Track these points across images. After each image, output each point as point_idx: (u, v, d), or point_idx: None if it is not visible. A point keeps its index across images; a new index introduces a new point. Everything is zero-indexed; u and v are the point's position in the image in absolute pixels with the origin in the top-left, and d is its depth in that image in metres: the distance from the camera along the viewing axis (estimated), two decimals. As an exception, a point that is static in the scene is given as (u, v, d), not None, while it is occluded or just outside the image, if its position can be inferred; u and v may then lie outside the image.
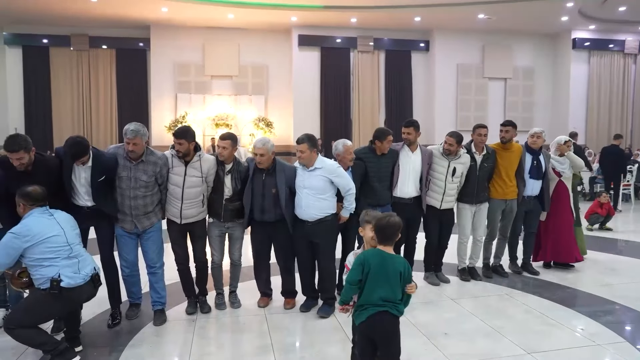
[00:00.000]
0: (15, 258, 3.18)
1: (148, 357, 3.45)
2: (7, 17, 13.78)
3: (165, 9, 13.03)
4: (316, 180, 4.01)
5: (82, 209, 3.77)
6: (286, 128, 15.16)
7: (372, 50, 15.49)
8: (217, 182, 4.01)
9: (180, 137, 3.81)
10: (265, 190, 4.05)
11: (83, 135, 3.79)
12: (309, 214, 4.04)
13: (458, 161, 4.75)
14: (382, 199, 4.52)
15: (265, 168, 4.05)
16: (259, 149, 3.99)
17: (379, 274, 2.64)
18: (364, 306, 2.66)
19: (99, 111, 15.08)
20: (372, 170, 4.46)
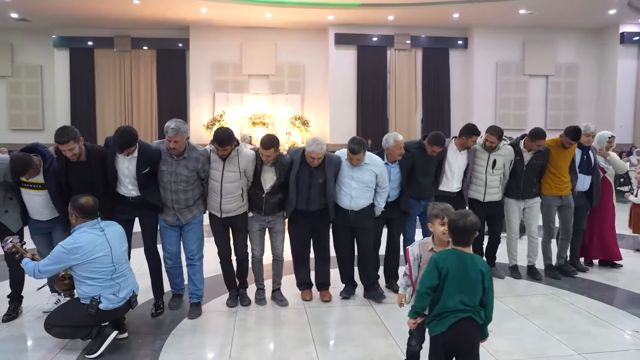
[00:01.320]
0: (61, 269, 3.32)
1: (190, 345, 3.49)
2: (56, 22, 14.34)
3: (204, 9, 13.25)
4: (366, 174, 4.14)
5: (126, 199, 3.87)
6: (322, 126, 15.17)
7: (409, 48, 15.33)
8: (257, 176, 4.02)
9: (226, 145, 3.80)
10: (312, 181, 4.08)
11: (130, 126, 3.85)
12: (357, 203, 4.18)
13: (498, 153, 4.70)
14: (425, 193, 4.56)
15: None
16: (318, 153, 3.99)
17: (458, 277, 2.42)
18: (442, 314, 2.43)
19: (140, 110, 15.48)
20: (420, 164, 4.49)
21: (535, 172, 4.83)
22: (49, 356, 3.30)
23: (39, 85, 15.75)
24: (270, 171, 4.03)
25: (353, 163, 4.11)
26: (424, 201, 4.51)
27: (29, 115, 15.78)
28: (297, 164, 4.07)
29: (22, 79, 15.64)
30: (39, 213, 3.88)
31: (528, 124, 14.74)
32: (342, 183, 4.18)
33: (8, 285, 4.06)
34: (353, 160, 4.09)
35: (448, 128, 15.54)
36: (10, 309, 3.97)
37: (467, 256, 2.48)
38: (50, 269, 3.27)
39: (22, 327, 3.82)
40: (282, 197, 4.14)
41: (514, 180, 4.82)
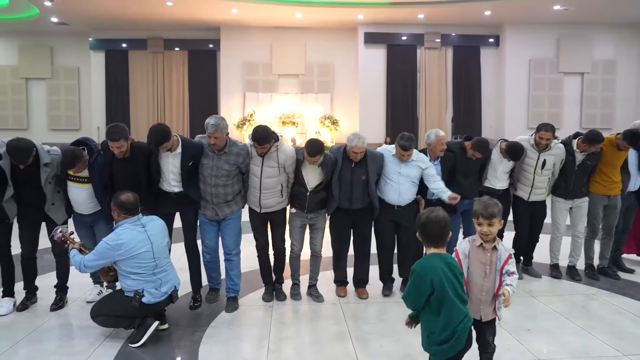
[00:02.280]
0: (106, 264, 3.44)
1: (229, 338, 3.55)
2: (93, 25, 14.73)
3: (235, 10, 13.40)
4: (413, 169, 4.19)
5: (168, 195, 3.97)
6: (352, 126, 15.13)
7: (439, 47, 15.15)
8: (299, 174, 4.05)
9: (264, 143, 3.84)
10: (354, 178, 4.09)
11: (164, 123, 3.94)
12: (404, 199, 4.22)
13: (549, 153, 4.56)
14: (467, 192, 4.47)
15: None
16: (361, 147, 4.01)
17: (452, 283, 2.23)
18: (456, 331, 2.22)
19: (172, 110, 15.76)
20: (460, 165, 4.47)
21: (586, 173, 4.71)
22: (96, 343, 3.41)
23: (76, 87, 16.22)
24: (316, 171, 4.04)
25: (403, 159, 4.13)
26: (467, 200, 4.44)
27: (66, 116, 16.26)
28: (339, 162, 4.08)
29: (60, 81, 16.14)
30: (83, 207, 4.02)
31: (562, 123, 14.40)
32: (389, 179, 4.19)
33: (54, 276, 4.22)
34: (404, 156, 4.11)
35: (479, 127, 15.31)
36: (57, 299, 4.12)
37: (448, 257, 2.30)
38: (95, 264, 3.39)
39: (68, 316, 3.96)
40: (325, 196, 4.16)
41: (562, 180, 4.69)
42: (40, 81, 16.14)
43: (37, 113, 16.24)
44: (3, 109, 16.05)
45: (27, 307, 4.08)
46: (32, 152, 3.69)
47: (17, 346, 3.40)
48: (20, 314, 3.98)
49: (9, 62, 15.97)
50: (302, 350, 3.37)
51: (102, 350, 3.32)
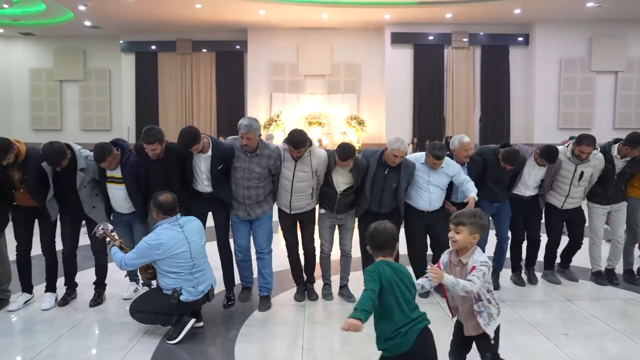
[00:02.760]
0: (145, 263, 3.52)
1: (263, 336, 3.60)
2: (124, 28, 15.11)
3: (262, 11, 13.54)
4: (442, 177, 4.21)
5: (201, 195, 4.04)
6: (378, 126, 15.13)
7: (467, 46, 15.02)
8: (329, 176, 4.08)
9: (300, 147, 3.88)
10: (386, 184, 4.12)
11: (194, 126, 4.01)
12: (434, 206, 4.24)
13: (587, 164, 4.44)
14: (498, 197, 4.51)
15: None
16: (402, 151, 4.03)
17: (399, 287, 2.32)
18: (400, 330, 2.31)
19: (200, 110, 16.01)
20: (492, 172, 4.43)
21: (625, 179, 4.59)
22: (134, 339, 3.50)
23: (107, 88, 16.64)
24: (346, 174, 4.07)
25: (435, 167, 4.14)
26: (497, 203, 4.51)
27: (98, 117, 16.69)
28: (373, 167, 4.09)
29: (92, 83, 16.58)
30: (121, 206, 4.12)
31: (594, 123, 14.08)
32: (419, 187, 4.21)
33: (91, 273, 4.35)
34: (435, 165, 4.11)
35: (507, 127, 15.11)
36: (96, 295, 4.24)
37: (396, 265, 2.39)
38: (136, 263, 3.48)
39: (106, 312, 4.07)
40: (355, 198, 4.18)
41: (600, 187, 4.58)
42: (73, 83, 16.63)
43: (70, 114, 16.73)
44: (38, 110, 16.58)
45: (67, 302, 4.22)
46: (64, 156, 3.79)
47: (60, 339, 3.51)
48: (62, 309, 4.11)
49: (44, 65, 16.48)
50: (337, 350, 3.40)
51: (141, 346, 3.40)
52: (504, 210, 4.57)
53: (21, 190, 3.98)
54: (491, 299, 2.58)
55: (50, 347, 3.38)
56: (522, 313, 4.01)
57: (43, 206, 4.00)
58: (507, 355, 3.18)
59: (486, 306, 2.56)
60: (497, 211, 4.57)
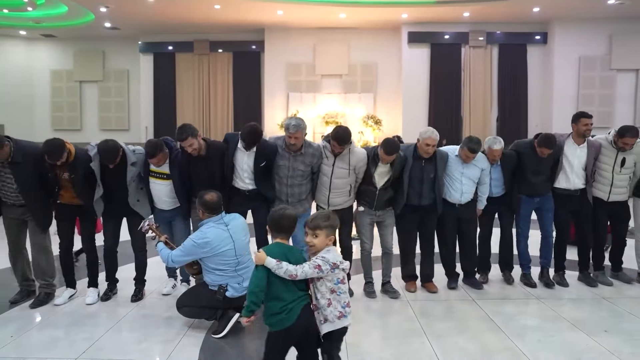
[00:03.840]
0: (191, 260, 3.60)
1: (305, 331, 3.66)
2: (142, 29, 15.24)
3: (280, 11, 13.60)
4: (474, 170, 4.36)
5: (242, 192, 4.12)
6: (395, 125, 15.13)
7: (484, 45, 14.95)
8: (369, 174, 4.14)
9: (344, 143, 3.95)
10: (424, 176, 4.21)
11: (257, 123, 4.08)
12: (467, 198, 4.39)
13: (630, 152, 4.43)
14: (539, 190, 4.53)
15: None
16: (434, 139, 4.13)
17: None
18: (286, 307, 2.45)
19: (217, 110, 16.11)
20: (530, 164, 4.44)
21: None
22: (180, 333, 3.59)
23: (125, 89, 16.79)
24: (385, 169, 4.14)
25: (468, 161, 4.24)
26: (537, 197, 4.54)
27: (116, 117, 16.86)
28: (410, 159, 4.18)
29: (111, 83, 16.74)
30: (163, 202, 4.22)
31: (615, 122, 13.94)
32: (452, 179, 4.32)
33: (130, 269, 4.44)
34: (469, 159, 4.22)
35: (525, 126, 15.02)
36: (137, 291, 4.34)
37: (287, 247, 2.61)
38: (182, 260, 3.56)
39: (148, 307, 4.16)
40: (393, 193, 4.25)
41: None
42: (92, 84, 16.80)
43: (89, 114, 16.92)
44: (59, 110, 16.79)
45: (109, 297, 4.32)
46: (119, 152, 3.92)
47: (109, 333, 3.60)
48: (105, 304, 4.22)
49: (64, 66, 16.68)
50: (380, 345, 3.45)
51: (187, 340, 3.49)
52: (547, 204, 4.57)
53: (67, 189, 4.09)
54: (332, 301, 2.54)
55: (100, 340, 3.48)
56: (557, 309, 4.04)
57: (89, 204, 4.11)
58: (550, 353, 3.24)
59: (322, 305, 2.55)
60: (539, 206, 4.58)
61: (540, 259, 4.71)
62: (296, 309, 2.47)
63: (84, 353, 3.27)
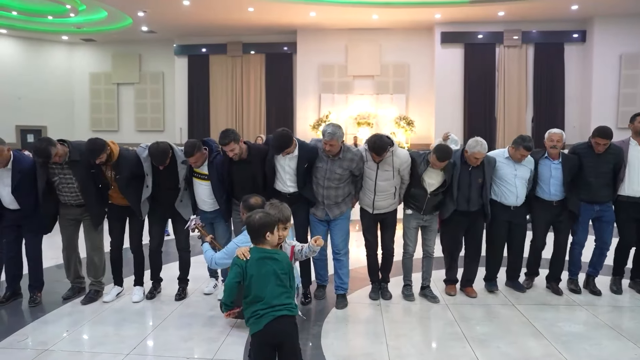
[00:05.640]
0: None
1: (347, 332, 3.71)
2: (178, 32, 15.62)
3: (313, 13, 13.70)
4: (526, 171, 4.34)
5: (282, 195, 4.18)
6: (427, 126, 15.04)
7: (519, 45, 14.72)
8: (418, 178, 4.16)
9: (382, 153, 3.97)
10: (472, 181, 4.22)
11: (287, 129, 4.16)
12: (520, 200, 4.35)
13: None
14: (599, 196, 4.37)
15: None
16: (482, 153, 4.11)
17: (261, 275, 2.50)
18: (257, 313, 2.48)
19: (249, 112, 16.34)
20: (589, 166, 4.34)
21: None
22: (224, 332, 3.68)
23: (161, 91, 17.23)
24: (438, 174, 4.15)
25: (522, 160, 4.25)
26: (597, 205, 4.37)
27: (152, 118, 17.31)
28: (458, 165, 4.19)
29: (147, 85, 17.20)
30: (204, 203, 4.32)
31: (657, 122, 13.51)
32: (505, 182, 4.30)
33: (173, 268, 4.59)
34: (524, 157, 4.23)
35: (562, 127, 14.65)
36: (180, 290, 4.47)
37: (269, 252, 2.54)
38: (225, 262, 3.61)
39: (192, 306, 4.28)
40: (442, 198, 4.27)
41: None
42: (129, 86, 17.30)
43: (125, 115, 17.43)
44: (97, 112, 17.34)
45: (154, 295, 4.47)
46: (169, 153, 4.05)
47: (157, 330, 3.74)
48: (150, 302, 4.36)
49: (103, 69, 17.23)
50: (422, 348, 3.46)
51: (232, 339, 3.57)
52: (607, 215, 4.41)
53: (116, 190, 4.25)
54: None
55: (149, 337, 3.62)
56: (603, 318, 3.97)
57: (134, 204, 4.25)
58: None
59: None
60: (599, 215, 4.41)
61: (589, 267, 4.59)
62: (266, 318, 2.45)
63: (135, 349, 3.40)
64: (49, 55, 16.97)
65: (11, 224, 4.25)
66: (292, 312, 2.53)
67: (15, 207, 4.17)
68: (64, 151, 4.05)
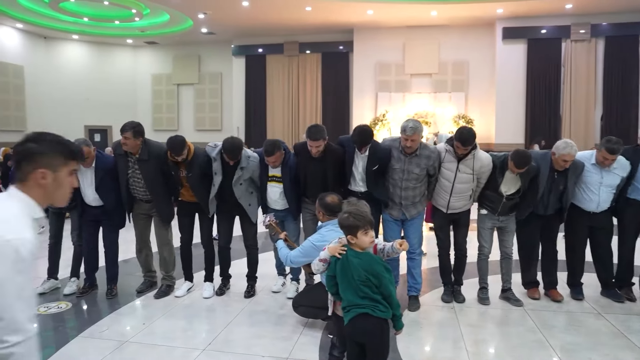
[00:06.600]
0: (309, 262, 3.58)
1: (424, 336, 3.59)
2: (236, 33, 15.88)
3: (370, 11, 13.55)
4: (615, 178, 4.08)
5: (355, 194, 4.10)
6: (487, 125, 14.54)
7: (588, 39, 13.93)
8: (494, 182, 3.99)
9: (468, 145, 3.82)
10: (553, 187, 4.03)
11: (369, 125, 4.09)
12: (602, 207, 4.11)
13: None
14: None
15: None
16: (572, 155, 3.90)
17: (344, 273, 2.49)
18: (345, 308, 2.50)
19: (305, 111, 16.37)
20: None
21: None
22: (297, 331, 3.65)
23: (219, 91, 17.58)
24: (514, 179, 3.97)
25: (606, 163, 3.94)
26: None
27: (210, 117, 17.70)
28: (545, 170, 3.98)
29: (206, 86, 17.61)
30: (275, 203, 4.32)
31: None
32: (588, 189, 4.07)
33: (243, 264, 4.61)
34: (607, 161, 3.92)
35: (635, 126, 13.79)
36: (249, 287, 4.49)
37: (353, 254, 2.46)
38: (300, 261, 3.57)
39: (261, 303, 4.27)
40: (519, 201, 4.07)
41: None
42: (188, 86, 17.77)
43: (185, 115, 17.91)
44: (158, 112, 17.93)
45: (224, 292, 4.51)
46: (242, 149, 4.08)
47: (230, 326, 3.75)
48: (220, 298, 4.40)
49: (164, 71, 17.80)
50: (504, 356, 3.29)
51: (305, 339, 3.53)
52: None
53: (187, 187, 4.32)
54: None
55: (223, 333, 3.63)
56: None
57: (203, 202, 4.31)
58: None
59: None
60: None
61: None
62: (349, 314, 2.47)
63: (210, 345, 3.42)
64: (114, 58, 17.71)
65: (91, 219, 4.42)
66: (374, 312, 2.44)
67: (97, 204, 4.33)
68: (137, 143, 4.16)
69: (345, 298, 2.50)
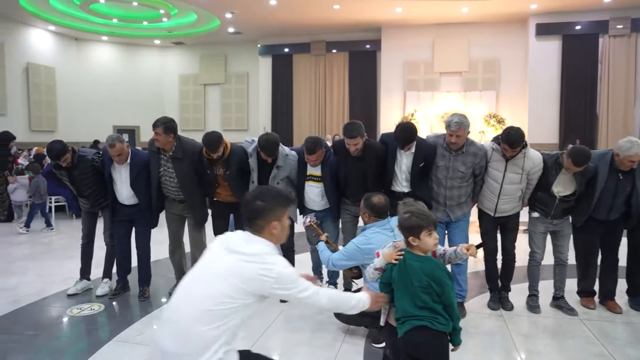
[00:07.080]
0: (353, 265, 3.39)
1: (472, 346, 3.35)
2: (262, 33, 15.82)
3: (399, 9, 13.31)
4: None
5: (396, 194, 3.90)
6: (519, 125, 13.79)
7: (628, 34, 13.40)
8: (546, 182, 3.74)
9: (516, 146, 3.59)
10: (619, 189, 3.72)
11: (411, 122, 3.88)
12: None
13: None
14: None
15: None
16: (639, 155, 3.57)
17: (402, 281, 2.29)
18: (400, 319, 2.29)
19: (332, 110, 16.21)
20: None
21: None
22: (338, 339, 3.47)
23: (245, 90, 17.57)
24: (569, 179, 3.72)
25: None
26: None
27: (236, 117, 17.70)
28: (604, 173, 3.69)
29: (232, 86, 17.62)
30: (313, 202, 4.15)
31: None
32: None
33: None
34: None
35: (676, 124, 13.24)
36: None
37: (413, 257, 2.25)
38: (343, 264, 3.40)
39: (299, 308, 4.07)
40: (573, 203, 3.81)
41: None
42: (215, 86, 17.81)
43: (212, 115, 17.96)
44: (185, 112, 18.01)
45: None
46: (278, 145, 3.92)
47: (268, 332, 3.60)
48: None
49: (191, 71, 17.87)
50: (564, 370, 3.06)
51: (347, 347, 3.35)
52: None
53: (224, 187, 4.19)
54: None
55: (261, 339, 3.48)
56: None
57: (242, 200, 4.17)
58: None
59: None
60: None
61: None
62: (405, 327, 2.25)
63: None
64: (142, 58, 17.86)
65: (124, 219, 4.32)
66: (434, 325, 2.23)
67: (130, 202, 4.24)
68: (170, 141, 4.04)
69: (400, 307, 2.28)
